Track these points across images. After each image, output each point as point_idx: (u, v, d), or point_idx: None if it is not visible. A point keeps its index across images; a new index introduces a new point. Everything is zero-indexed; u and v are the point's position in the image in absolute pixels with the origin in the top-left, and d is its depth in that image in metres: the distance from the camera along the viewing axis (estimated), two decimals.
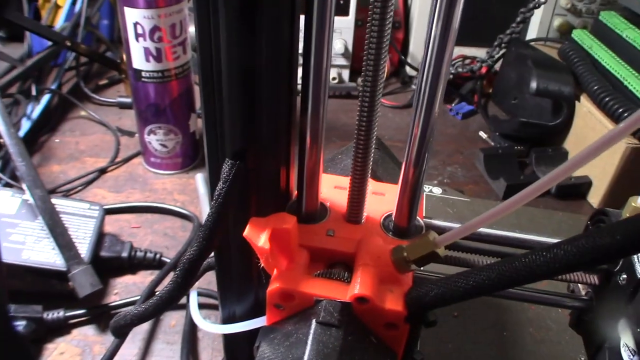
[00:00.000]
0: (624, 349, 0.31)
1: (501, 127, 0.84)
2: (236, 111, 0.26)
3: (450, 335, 0.41)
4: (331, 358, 0.24)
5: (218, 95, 0.26)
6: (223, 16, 0.23)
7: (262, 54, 0.24)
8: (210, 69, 0.25)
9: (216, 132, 0.27)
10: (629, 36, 0.74)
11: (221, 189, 0.27)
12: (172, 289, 0.29)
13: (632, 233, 0.19)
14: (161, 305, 0.30)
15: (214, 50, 0.24)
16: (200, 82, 0.26)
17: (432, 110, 0.27)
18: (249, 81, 0.25)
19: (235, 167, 0.27)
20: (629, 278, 0.31)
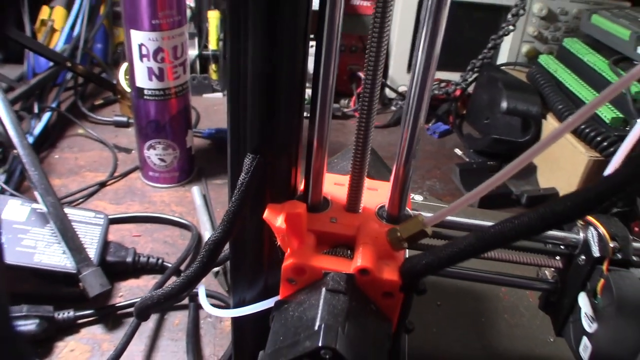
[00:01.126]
0: (584, 318, 0.36)
1: (475, 144, 0.91)
2: (257, 114, 0.31)
3: (434, 321, 0.46)
4: (340, 317, 0.29)
5: (243, 101, 0.31)
6: (252, 36, 0.28)
7: (282, 68, 0.30)
8: (238, 79, 0.30)
9: (239, 131, 0.32)
10: (590, 60, 0.82)
11: (243, 178, 0.31)
12: (197, 268, 0.33)
13: (580, 200, 0.24)
14: (186, 284, 0.34)
15: (242, 63, 0.29)
16: (229, 90, 0.31)
17: (419, 120, 0.33)
18: (269, 89, 0.30)
19: (256, 160, 0.31)
20: (586, 258, 0.37)
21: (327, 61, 0.31)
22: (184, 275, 0.34)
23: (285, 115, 0.32)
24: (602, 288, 0.35)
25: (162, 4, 0.61)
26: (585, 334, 0.36)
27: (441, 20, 0.29)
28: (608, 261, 0.35)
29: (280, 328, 0.31)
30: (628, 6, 0.95)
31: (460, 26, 1.02)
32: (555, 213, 0.25)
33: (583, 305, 0.36)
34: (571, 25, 1.00)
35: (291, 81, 0.31)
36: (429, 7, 0.29)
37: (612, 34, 0.81)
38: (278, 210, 0.32)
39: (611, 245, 0.36)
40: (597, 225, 0.37)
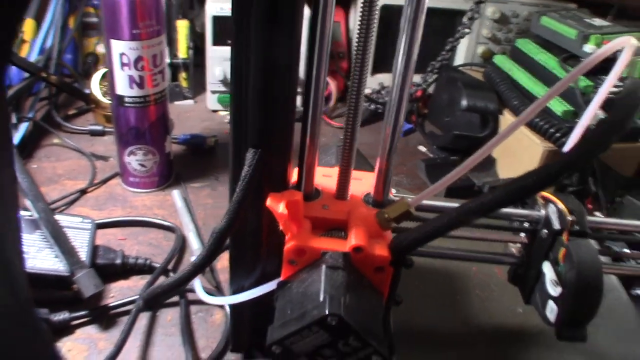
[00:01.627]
0: (549, 284, 0.41)
1: (438, 141, 0.96)
2: (257, 114, 0.35)
3: (415, 300, 0.51)
4: (341, 289, 0.33)
5: (244, 103, 0.34)
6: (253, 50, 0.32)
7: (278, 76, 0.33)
8: (240, 84, 0.34)
9: (241, 129, 0.35)
10: (541, 59, 0.88)
11: (247, 171, 0.35)
12: (205, 256, 0.36)
13: (543, 174, 0.29)
14: (194, 271, 0.37)
15: (244, 70, 0.33)
16: (232, 92, 0.34)
17: (399, 117, 0.37)
18: (268, 92, 0.34)
19: (257, 154, 0.35)
20: (548, 231, 0.42)
21: (318, 68, 0.35)
22: (192, 264, 0.37)
23: (281, 115, 0.36)
24: (564, 256, 0.39)
25: (142, 14, 0.64)
26: (551, 298, 0.41)
27: (418, 28, 0.34)
28: (567, 232, 0.40)
29: (286, 304, 0.35)
30: (574, 8, 1.02)
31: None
32: (524, 186, 0.29)
33: (547, 273, 0.41)
34: (522, 27, 1.07)
35: (286, 87, 0.35)
36: (408, 16, 0.33)
37: (560, 33, 0.87)
38: (279, 198, 0.35)
39: (569, 218, 0.41)
40: (557, 202, 0.41)
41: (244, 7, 0.31)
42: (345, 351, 0.32)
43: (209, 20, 0.93)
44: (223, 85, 0.99)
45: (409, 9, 0.34)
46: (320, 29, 0.34)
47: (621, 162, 0.86)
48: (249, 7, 0.31)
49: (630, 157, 0.88)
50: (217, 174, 0.84)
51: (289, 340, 0.32)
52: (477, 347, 0.48)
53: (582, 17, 0.90)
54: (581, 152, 0.28)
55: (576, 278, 0.38)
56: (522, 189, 0.29)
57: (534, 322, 0.51)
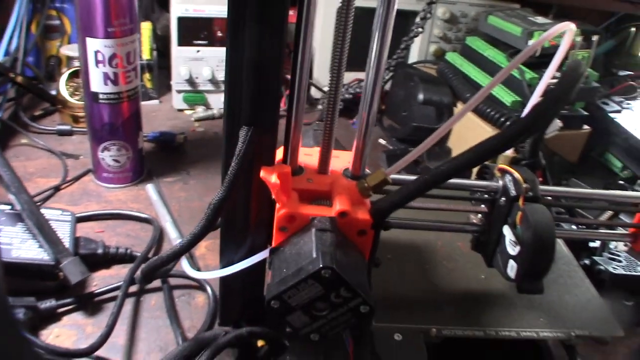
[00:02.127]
0: (509, 244, 0.46)
1: (397, 133, 1.02)
2: (250, 96, 0.38)
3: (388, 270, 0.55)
4: (331, 247, 0.37)
5: (239, 85, 0.38)
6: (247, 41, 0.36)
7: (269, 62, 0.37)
8: (236, 69, 0.37)
9: (235, 107, 0.39)
10: (489, 55, 0.94)
11: (241, 147, 0.39)
12: (204, 225, 0.40)
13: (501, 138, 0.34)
14: (194, 240, 0.41)
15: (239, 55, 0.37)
16: (227, 75, 0.38)
17: (373, 103, 0.42)
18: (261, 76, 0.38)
19: (251, 130, 0.39)
20: (506, 199, 0.47)
21: (301, 64, 0.39)
22: (191, 234, 0.41)
23: (270, 96, 0.39)
24: (521, 218, 0.45)
25: (116, 13, 0.66)
26: (511, 257, 0.46)
27: (389, 27, 0.39)
28: (523, 198, 0.45)
29: (281, 264, 0.38)
30: (518, 7, 1.09)
31: None
32: (486, 149, 0.34)
33: (507, 235, 0.46)
34: (471, 26, 1.14)
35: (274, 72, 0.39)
36: (380, 16, 0.38)
37: (506, 31, 0.94)
38: (270, 171, 0.39)
39: (524, 186, 0.46)
40: (512, 172, 0.47)
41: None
42: (336, 302, 0.36)
43: (174, 21, 0.96)
44: (188, 85, 1.02)
45: (381, 9, 0.38)
46: (303, 30, 0.38)
47: (567, 148, 0.93)
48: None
49: (574, 143, 0.95)
50: (188, 169, 0.87)
51: (286, 294, 0.36)
52: (445, 309, 0.52)
53: (526, 16, 0.97)
54: (534, 116, 0.33)
55: (532, 236, 0.43)
56: (488, 149, 0.34)
57: (496, 286, 0.56)
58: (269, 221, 0.44)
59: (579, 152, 0.97)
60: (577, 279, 0.60)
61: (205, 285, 0.63)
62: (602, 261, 0.69)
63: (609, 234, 0.59)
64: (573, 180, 0.90)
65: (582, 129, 0.94)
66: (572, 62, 0.38)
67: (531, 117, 0.34)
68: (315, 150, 0.46)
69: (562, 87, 0.35)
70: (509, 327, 0.51)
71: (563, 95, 0.34)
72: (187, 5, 0.95)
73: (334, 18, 0.39)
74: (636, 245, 0.56)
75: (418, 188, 0.37)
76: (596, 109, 1.02)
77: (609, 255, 0.71)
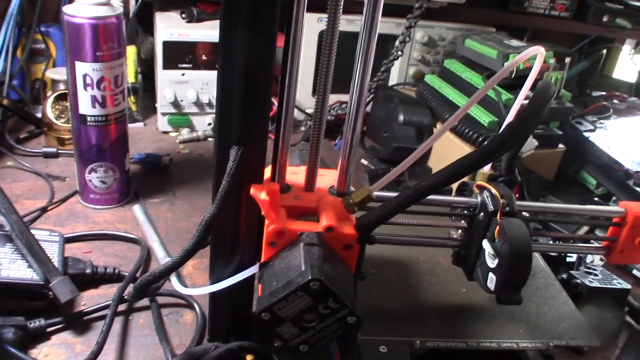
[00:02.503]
0: (488, 257, 0.48)
1: (379, 153, 1.04)
2: (240, 117, 0.40)
3: (371, 285, 0.57)
4: (318, 260, 0.38)
5: (229, 104, 0.40)
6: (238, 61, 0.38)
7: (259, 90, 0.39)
8: (227, 89, 0.39)
9: (225, 128, 0.41)
10: (467, 77, 0.98)
11: (231, 165, 0.40)
12: (195, 241, 0.41)
13: (481, 153, 0.36)
14: (186, 256, 0.42)
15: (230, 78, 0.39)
16: (219, 94, 0.40)
17: (357, 124, 0.44)
18: (250, 98, 0.40)
19: (241, 150, 0.40)
20: (484, 214, 0.49)
21: (289, 85, 0.41)
22: (183, 250, 0.42)
23: (259, 118, 0.41)
24: (498, 232, 0.47)
25: (104, 38, 0.68)
26: (490, 270, 0.48)
27: (371, 51, 0.41)
28: (500, 212, 0.47)
29: (271, 277, 0.40)
30: (493, 31, 1.13)
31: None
32: (463, 165, 0.36)
33: (486, 248, 0.48)
34: (449, 49, 1.17)
35: (263, 89, 0.41)
36: (363, 41, 0.40)
37: (482, 54, 0.97)
38: (260, 188, 0.41)
39: (501, 201, 0.48)
40: (490, 188, 0.49)
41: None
42: (325, 313, 0.38)
43: (159, 45, 0.98)
44: (173, 107, 1.03)
45: (364, 34, 0.41)
46: (291, 54, 0.40)
47: (543, 166, 0.96)
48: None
49: (550, 162, 0.98)
50: (174, 190, 0.88)
51: (277, 306, 0.38)
52: (428, 321, 0.54)
53: (501, 39, 1.00)
54: (507, 134, 0.35)
55: (510, 249, 0.45)
56: (465, 166, 0.36)
57: (477, 299, 0.58)
58: (257, 237, 0.45)
59: (555, 170, 1.00)
60: (554, 291, 0.63)
61: (193, 302, 0.64)
62: (578, 275, 0.71)
63: (584, 248, 0.61)
64: (550, 197, 0.93)
65: (557, 148, 0.97)
66: (542, 83, 0.41)
67: (504, 136, 0.36)
68: (302, 169, 0.48)
69: (532, 107, 0.37)
70: (490, 339, 0.53)
71: (534, 114, 0.37)
72: (172, 30, 0.97)
73: (314, 42, 0.41)
74: (610, 258, 0.59)
75: (401, 203, 0.39)
76: (571, 129, 1.06)
77: (585, 270, 0.73)
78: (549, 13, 1.30)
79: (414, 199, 0.39)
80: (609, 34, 1.42)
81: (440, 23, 1.16)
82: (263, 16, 0.37)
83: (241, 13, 0.37)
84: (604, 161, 1.01)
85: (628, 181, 0.97)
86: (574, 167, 1.06)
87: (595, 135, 1.07)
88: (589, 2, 1.33)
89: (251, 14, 0.37)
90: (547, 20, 1.31)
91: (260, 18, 0.37)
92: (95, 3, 0.68)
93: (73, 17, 0.68)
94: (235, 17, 0.37)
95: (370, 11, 0.40)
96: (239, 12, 0.37)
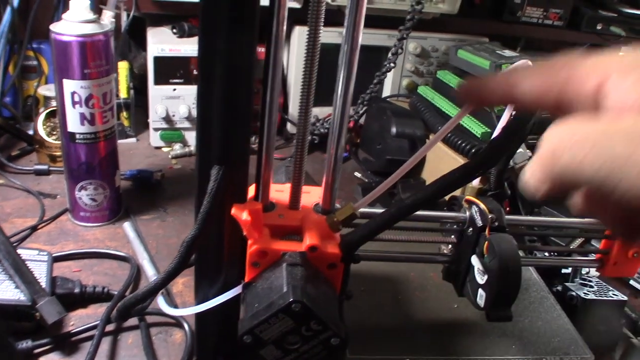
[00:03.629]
0: (477, 273, 0.47)
1: (372, 166, 1.03)
2: (221, 135, 0.40)
3: (360, 302, 0.56)
4: (301, 281, 0.38)
5: (209, 123, 0.39)
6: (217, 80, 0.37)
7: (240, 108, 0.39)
8: (207, 108, 0.39)
9: (206, 147, 0.40)
10: None
11: (212, 185, 0.40)
12: (177, 262, 0.41)
13: (464, 170, 0.35)
14: (168, 277, 0.41)
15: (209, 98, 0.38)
16: (199, 114, 0.39)
17: (341, 138, 0.43)
18: (231, 117, 0.39)
19: (222, 170, 0.40)
20: (473, 229, 0.48)
21: (270, 100, 0.41)
22: (164, 272, 0.41)
23: (240, 136, 0.41)
24: (487, 248, 0.46)
25: (92, 55, 0.68)
26: (480, 286, 0.47)
27: (354, 63, 0.40)
28: (489, 228, 0.47)
29: (253, 299, 0.39)
30: (486, 41, 1.13)
31: None
32: (448, 181, 0.36)
33: (475, 264, 0.48)
34: (441, 60, 1.17)
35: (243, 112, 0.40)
36: (345, 52, 0.40)
37: (475, 64, 0.97)
38: (242, 208, 0.40)
39: (490, 216, 0.47)
40: (479, 203, 0.48)
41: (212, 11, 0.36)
42: (308, 335, 0.37)
43: (150, 60, 0.98)
44: (165, 122, 1.03)
45: (346, 46, 0.40)
46: (272, 67, 0.40)
47: None
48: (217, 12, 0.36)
49: None
50: (166, 206, 0.88)
51: (258, 328, 0.37)
52: (419, 338, 0.53)
53: (494, 49, 1.00)
54: (491, 149, 0.34)
55: (498, 265, 0.44)
56: (450, 182, 0.36)
57: (468, 315, 0.57)
58: (241, 257, 0.45)
59: None
60: (548, 305, 0.62)
61: (183, 322, 0.63)
62: (573, 287, 0.70)
63: (578, 260, 0.60)
64: (545, 208, 0.92)
65: None
66: None
67: (488, 151, 0.35)
68: (287, 187, 0.47)
69: (517, 121, 0.37)
70: (482, 355, 0.52)
71: (519, 129, 0.36)
72: (163, 45, 0.97)
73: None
74: (603, 270, 0.58)
75: (385, 221, 0.39)
76: None
77: (581, 281, 0.72)
78: (542, 22, 1.30)
79: (398, 217, 0.38)
80: (603, 42, 1.42)
81: (432, 34, 1.16)
82: (242, 29, 0.37)
83: (220, 27, 0.36)
84: None
85: None
86: None
87: None
88: (582, 11, 1.33)
89: (230, 28, 0.37)
90: (540, 29, 1.31)
91: (239, 31, 0.37)
92: (83, 20, 0.68)
93: (60, 35, 0.68)
94: (214, 31, 0.36)
95: (352, 22, 0.39)
96: (218, 26, 0.36)
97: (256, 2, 0.36)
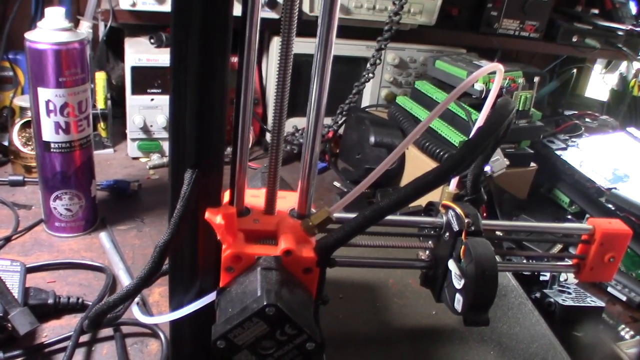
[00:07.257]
0: (454, 278, 0.47)
1: (351, 175, 1.03)
2: (194, 138, 0.39)
3: (338, 310, 0.56)
4: (275, 285, 0.37)
5: (182, 126, 0.39)
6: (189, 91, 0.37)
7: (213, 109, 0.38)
8: (179, 109, 0.38)
9: (180, 150, 0.40)
10: (437, 97, 0.98)
11: (186, 189, 0.39)
12: (150, 267, 0.40)
13: (439, 172, 0.35)
14: (141, 283, 0.40)
15: (182, 97, 0.38)
16: (171, 116, 0.39)
17: (315, 146, 0.43)
18: (203, 117, 0.39)
19: (195, 173, 0.39)
20: (450, 233, 0.48)
21: (244, 104, 0.41)
22: (137, 278, 0.41)
23: (214, 139, 0.40)
24: (464, 252, 0.46)
25: (67, 63, 0.67)
26: (457, 291, 0.47)
27: (326, 73, 0.40)
28: (465, 232, 0.47)
29: (227, 304, 0.39)
30: (464, 52, 1.14)
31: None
32: (422, 184, 0.36)
33: (452, 269, 0.47)
34: (420, 71, 1.18)
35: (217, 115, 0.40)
36: (318, 62, 0.40)
37: (453, 74, 0.98)
38: (215, 212, 0.40)
39: (466, 221, 0.47)
40: (455, 207, 0.48)
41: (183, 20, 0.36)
42: (282, 340, 0.37)
43: (128, 70, 0.97)
44: (143, 133, 1.02)
45: (319, 55, 0.40)
46: (245, 74, 0.39)
47: (516, 185, 0.96)
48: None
49: (523, 180, 0.99)
50: (143, 216, 0.87)
51: (232, 333, 0.36)
52: (398, 344, 0.53)
53: (471, 60, 1.01)
54: (465, 151, 0.34)
55: (475, 269, 0.44)
56: (424, 184, 0.36)
57: (447, 321, 0.57)
58: (217, 264, 0.44)
59: (528, 189, 1.00)
60: (526, 311, 0.62)
61: (158, 331, 0.62)
62: (551, 294, 0.70)
63: (555, 266, 0.61)
64: (523, 216, 0.92)
65: (529, 167, 0.97)
66: (501, 99, 0.41)
67: (462, 152, 0.35)
68: (263, 192, 0.47)
69: (491, 123, 0.37)
70: None
71: (492, 130, 0.36)
72: (140, 55, 0.97)
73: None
74: (580, 276, 0.58)
75: (359, 224, 0.38)
76: (542, 147, 1.06)
77: (559, 288, 0.73)
78: (519, 34, 1.32)
79: (372, 220, 0.38)
80: (579, 54, 1.44)
81: (411, 45, 1.16)
82: (215, 34, 0.37)
83: (192, 31, 0.36)
84: (576, 179, 1.01)
85: (600, 198, 0.97)
86: (547, 186, 1.07)
87: (567, 153, 1.07)
88: (558, 23, 1.35)
89: (202, 32, 0.36)
90: (517, 41, 1.33)
91: (212, 36, 0.37)
92: (58, 29, 0.68)
93: (35, 42, 0.67)
94: (186, 36, 0.36)
95: (325, 31, 0.39)
96: (189, 30, 0.36)
97: (229, 11, 0.36)
